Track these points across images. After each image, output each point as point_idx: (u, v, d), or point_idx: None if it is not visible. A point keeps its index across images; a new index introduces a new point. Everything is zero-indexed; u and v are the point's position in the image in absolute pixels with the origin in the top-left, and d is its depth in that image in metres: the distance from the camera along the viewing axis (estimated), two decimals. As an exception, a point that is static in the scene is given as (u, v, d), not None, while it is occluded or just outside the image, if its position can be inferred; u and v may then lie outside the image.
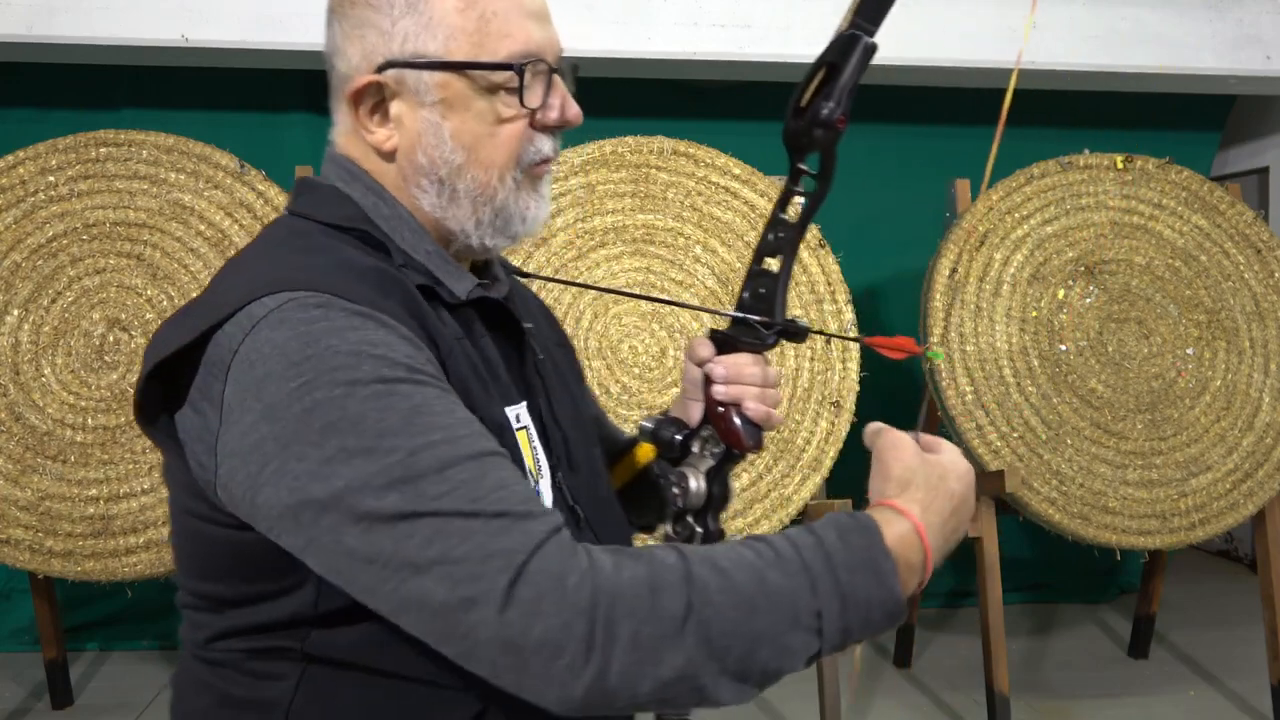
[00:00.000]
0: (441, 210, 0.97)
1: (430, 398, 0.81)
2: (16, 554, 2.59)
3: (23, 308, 2.69)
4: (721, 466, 1.07)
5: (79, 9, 3.02)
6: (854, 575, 0.81)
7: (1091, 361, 2.97)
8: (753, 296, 1.07)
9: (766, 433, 1.09)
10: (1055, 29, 3.44)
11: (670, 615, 0.75)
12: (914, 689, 3.29)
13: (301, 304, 0.82)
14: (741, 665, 0.77)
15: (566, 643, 0.73)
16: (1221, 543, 4.60)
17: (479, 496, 0.77)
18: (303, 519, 0.78)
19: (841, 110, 0.99)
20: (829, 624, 0.80)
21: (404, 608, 0.77)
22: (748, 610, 0.77)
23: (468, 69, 0.94)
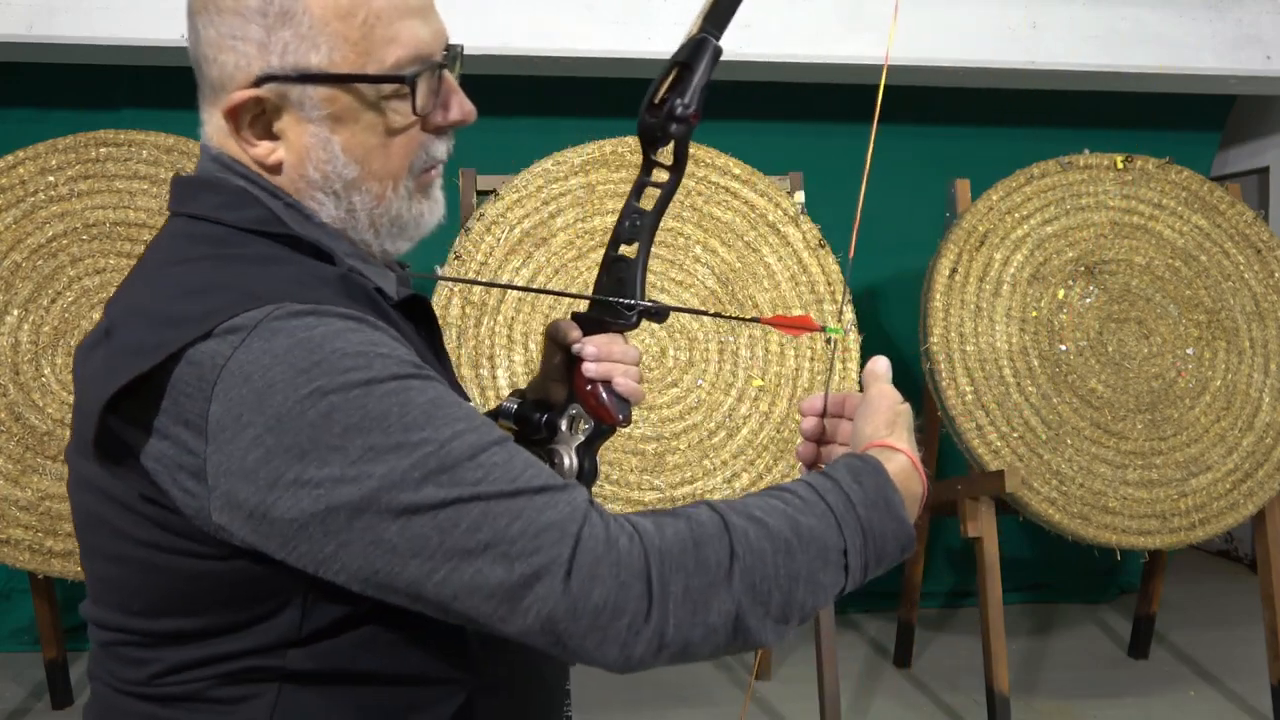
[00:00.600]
0: (342, 222, 0.94)
1: (441, 390, 0.82)
2: (16, 554, 2.58)
3: (23, 308, 2.69)
4: (591, 442, 1.11)
5: (79, 9, 3.02)
6: (871, 511, 0.88)
7: (1091, 361, 2.97)
8: (611, 280, 1.11)
9: (635, 408, 1.14)
10: (1055, 29, 3.44)
11: (716, 564, 0.79)
12: (914, 689, 3.29)
13: (290, 312, 0.80)
14: (784, 606, 0.82)
15: (626, 603, 0.76)
16: (1221, 543, 4.60)
17: (516, 476, 0.78)
18: (332, 525, 0.76)
19: (695, 106, 1.05)
20: (854, 559, 0.86)
21: (457, 595, 0.77)
22: (786, 554, 0.82)
23: (355, 81, 0.89)
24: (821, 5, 3.31)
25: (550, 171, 2.82)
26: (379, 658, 0.87)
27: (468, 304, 2.73)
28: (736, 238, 2.88)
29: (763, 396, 2.81)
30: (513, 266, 2.76)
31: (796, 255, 2.89)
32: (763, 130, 3.77)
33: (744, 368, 2.82)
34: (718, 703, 3.16)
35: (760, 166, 2.96)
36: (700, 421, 2.76)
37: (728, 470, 2.74)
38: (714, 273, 2.85)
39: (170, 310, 0.82)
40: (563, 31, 3.23)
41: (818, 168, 3.24)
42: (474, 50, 3.27)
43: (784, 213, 2.91)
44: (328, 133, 0.91)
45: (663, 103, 1.06)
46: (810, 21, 3.31)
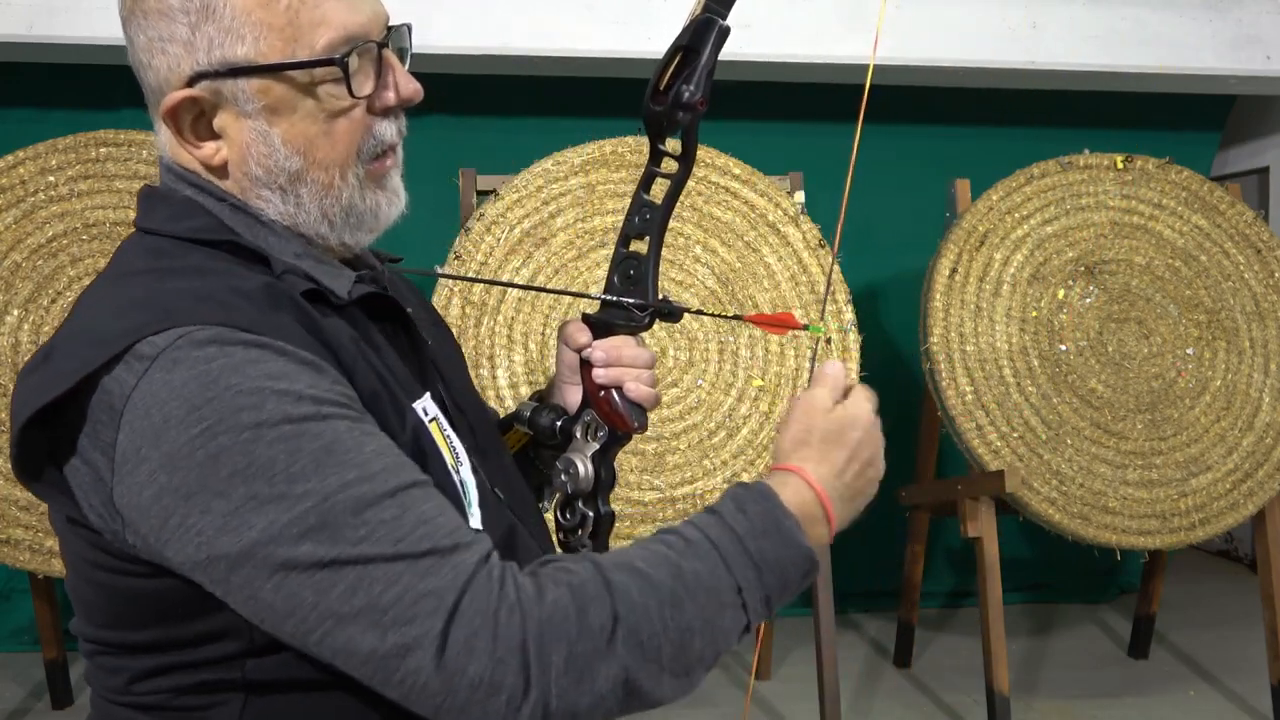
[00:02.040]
0: (291, 217, 0.91)
1: (340, 432, 0.77)
2: (16, 554, 2.58)
3: (23, 308, 2.69)
4: (607, 450, 1.07)
5: (79, 9, 3.02)
6: (761, 541, 0.83)
7: (1091, 361, 2.97)
8: (622, 280, 1.07)
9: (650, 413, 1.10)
10: (1055, 29, 3.44)
11: (600, 629, 0.75)
12: (914, 689, 3.29)
13: (193, 341, 0.77)
14: (679, 659, 0.78)
15: (503, 678, 0.72)
16: (1221, 543, 4.60)
17: (401, 536, 0.74)
18: (214, 574, 0.75)
19: (701, 93, 1.00)
20: (750, 595, 0.82)
21: (335, 656, 0.75)
22: (673, 605, 0.78)
23: (285, 70, 0.86)
24: (821, 5, 3.31)
25: (550, 171, 2.82)
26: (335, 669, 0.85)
27: (468, 304, 2.73)
28: (736, 238, 2.88)
29: (763, 396, 2.81)
30: (513, 266, 2.76)
31: (796, 255, 2.89)
32: (763, 130, 3.77)
33: (744, 368, 2.82)
34: (718, 703, 3.16)
35: (760, 166, 2.96)
36: (700, 421, 2.76)
37: (728, 470, 2.74)
38: (714, 273, 2.85)
39: (96, 330, 0.81)
40: (563, 31, 3.23)
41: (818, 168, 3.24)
42: (474, 50, 3.28)
43: (784, 213, 2.91)
44: (266, 125, 0.88)
45: (668, 89, 1.01)
46: (810, 21, 3.31)
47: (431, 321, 1.15)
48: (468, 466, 0.95)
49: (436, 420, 0.94)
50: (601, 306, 1.08)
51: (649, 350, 1.08)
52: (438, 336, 1.13)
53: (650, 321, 1.06)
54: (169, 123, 0.89)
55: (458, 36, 3.18)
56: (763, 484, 0.87)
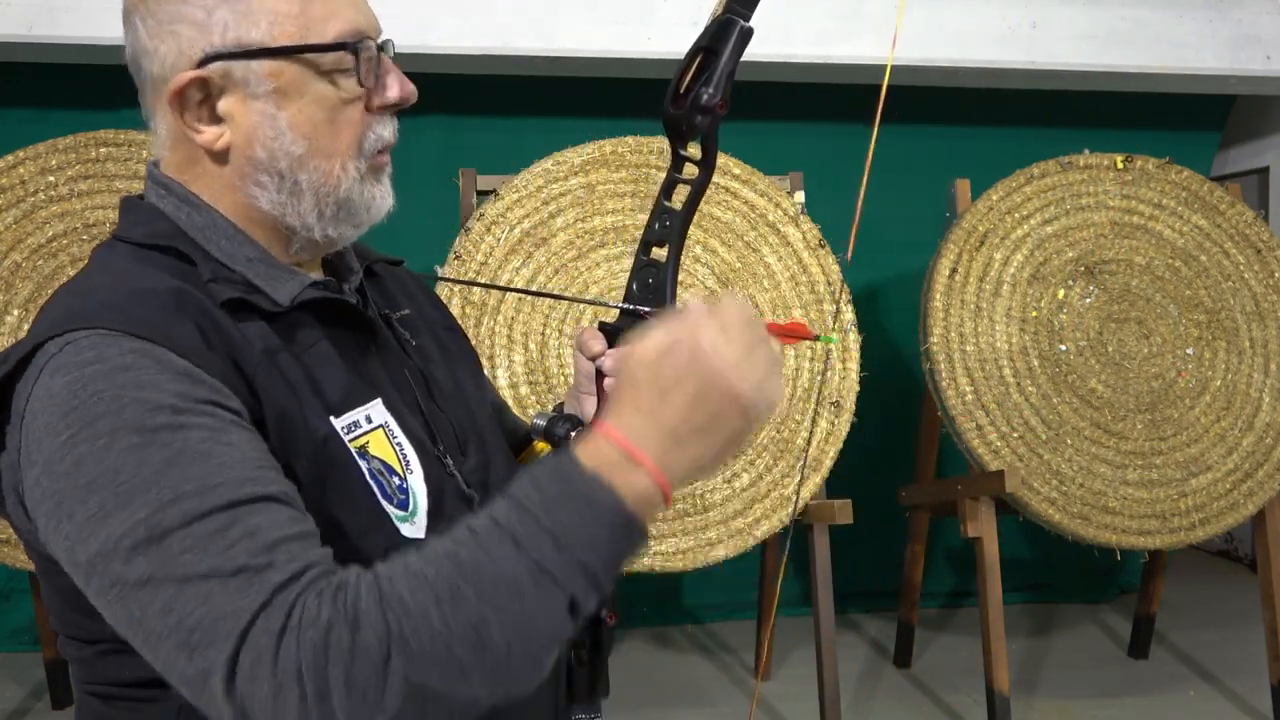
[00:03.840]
0: (282, 206, 0.93)
1: (192, 442, 0.76)
2: (16, 554, 2.58)
3: (23, 308, 2.69)
4: None
5: (79, 9, 3.02)
6: (556, 510, 0.75)
7: (1091, 361, 2.97)
8: (641, 288, 1.04)
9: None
10: (1055, 29, 3.44)
11: (374, 645, 0.70)
12: (914, 689, 3.29)
13: (77, 346, 0.79)
14: (480, 655, 0.72)
15: (286, 706, 0.69)
16: (1221, 543, 4.60)
17: (220, 552, 0.72)
18: (78, 579, 0.77)
19: (721, 95, 0.97)
20: (558, 570, 0.74)
21: (166, 675, 0.74)
22: (453, 602, 0.72)
23: (300, 53, 0.89)
24: (821, 5, 3.31)
25: (550, 171, 2.82)
26: None
27: (468, 304, 2.73)
28: (736, 238, 2.88)
29: (763, 396, 2.81)
30: (513, 266, 2.76)
31: (796, 255, 2.89)
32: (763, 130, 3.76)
33: (744, 368, 2.81)
34: (718, 703, 3.16)
35: (760, 166, 2.96)
36: (700, 421, 2.76)
37: (727, 470, 2.74)
38: (714, 273, 2.85)
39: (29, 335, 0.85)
40: (563, 31, 3.23)
41: (818, 168, 3.24)
42: (475, 50, 3.28)
43: (784, 213, 2.91)
44: (274, 109, 0.90)
45: (687, 93, 0.98)
46: (810, 21, 3.31)
47: (444, 325, 1.14)
48: (419, 475, 0.94)
49: (383, 427, 0.93)
50: (619, 315, 1.05)
51: None
52: (448, 339, 1.12)
53: None
54: (174, 106, 0.90)
55: (459, 37, 3.18)
56: (553, 458, 0.79)
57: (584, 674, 1.06)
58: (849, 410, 2.79)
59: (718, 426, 0.80)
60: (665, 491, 0.79)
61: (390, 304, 1.07)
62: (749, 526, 2.72)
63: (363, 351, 0.97)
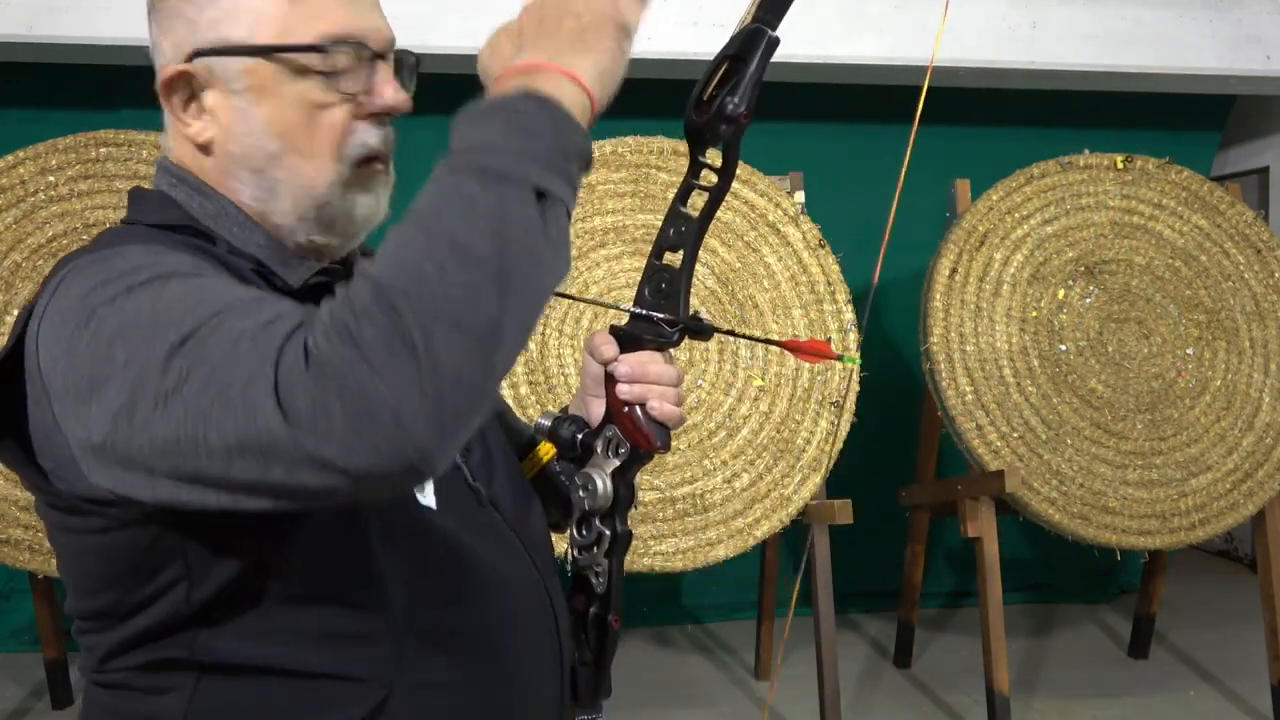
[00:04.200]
0: (262, 203, 0.94)
1: (209, 277, 0.79)
2: (16, 554, 2.59)
3: (23, 308, 2.69)
4: (627, 467, 1.03)
5: (79, 9, 3.02)
6: (477, 131, 0.77)
7: (1091, 361, 2.97)
8: (653, 292, 1.03)
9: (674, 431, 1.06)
10: (1055, 29, 3.44)
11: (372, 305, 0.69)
12: (914, 689, 3.29)
13: (97, 258, 0.81)
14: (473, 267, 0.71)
15: (325, 396, 0.68)
16: (1221, 543, 4.60)
17: (244, 312, 0.73)
18: (120, 439, 0.74)
19: (746, 105, 0.97)
20: (502, 167, 0.74)
21: (226, 463, 0.71)
22: (427, 242, 0.72)
23: (271, 52, 0.90)
24: (821, 5, 3.31)
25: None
26: (286, 649, 0.86)
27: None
28: (736, 238, 2.88)
29: (763, 396, 2.81)
30: (513, 266, 2.76)
31: (796, 255, 2.89)
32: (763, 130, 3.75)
33: (744, 368, 2.82)
34: (718, 703, 3.16)
35: (760, 166, 2.96)
36: (700, 421, 2.77)
37: (728, 470, 2.74)
38: (714, 273, 2.85)
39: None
40: (563, 31, 3.23)
41: (818, 168, 3.24)
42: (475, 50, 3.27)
43: (784, 213, 2.91)
44: (250, 105, 0.92)
45: (711, 100, 0.97)
46: (810, 21, 3.31)
47: None
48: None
49: None
50: (630, 319, 1.04)
51: (676, 368, 1.04)
52: None
53: (679, 338, 1.02)
54: (165, 98, 0.94)
55: (460, 37, 3.18)
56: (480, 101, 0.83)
57: (588, 675, 1.07)
58: (849, 410, 2.79)
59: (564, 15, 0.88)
60: (571, 75, 0.82)
61: None
62: (749, 526, 2.72)
63: None
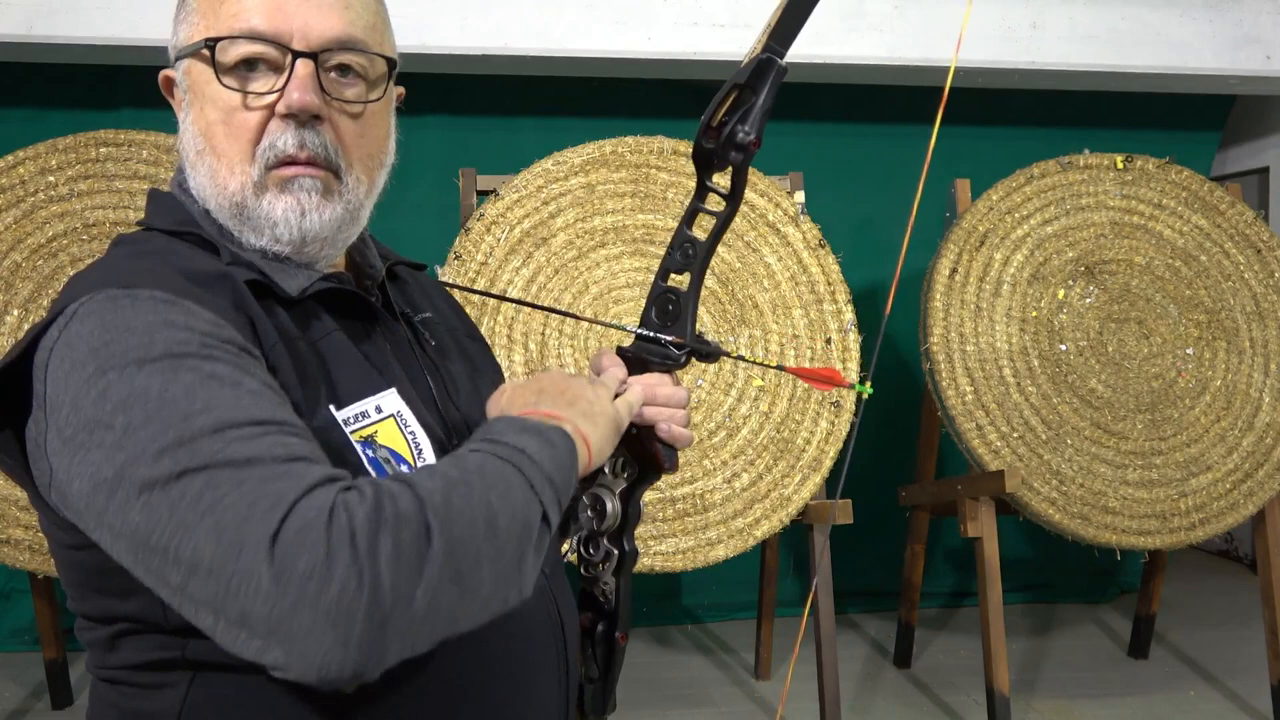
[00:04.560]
0: (209, 206, 0.95)
1: (221, 370, 0.78)
2: (16, 554, 2.59)
3: (23, 308, 2.69)
4: (635, 487, 1.04)
5: (79, 9, 3.02)
6: (519, 437, 0.84)
7: (1091, 361, 2.97)
8: (660, 314, 1.04)
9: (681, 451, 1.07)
10: (1055, 29, 3.44)
11: (414, 515, 0.73)
12: (914, 689, 3.29)
13: (109, 295, 0.81)
14: (493, 540, 0.76)
15: (334, 569, 0.68)
16: (1221, 543, 4.60)
17: (255, 449, 0.73)
18: (96, 504, 0.75)
19: (756, 133, 0.99)
20: (532, 476, 0.81)
21: (185, 586, 0.71)
22: (466, 490, 0.77)
23: (186, 55, 0.94)
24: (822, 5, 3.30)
25: (550, 171, 2.82)
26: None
27: (466, 304, 2.73)
28: (736, 238, 2.88)
29: (763, 397, 2.81)
30: (513, 266, 2.76)
31: (796, 255, 2.89)
32: (763, 130, 3.75)
33: (744, 368, 2.81)
34: (718, 703, 3.16)
35: (760, 166, 2.96)
36: (700, 421, 2.76)
37: (728, 470, 2.74)
38: (714, 273, 2.85)
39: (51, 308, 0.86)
40: (563, 31, 3.23)
41: (818, 168, 3.24)
42: (475, 50, 3.28)
43: (784, 213, 2.91)
44: (189, 106, 0.96)
45: (720, 126, 0.99)
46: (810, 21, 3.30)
47: (466, 334, 1.17)
48: (429, 464, 0.95)
49: (394, 417, 0.95)
50: (636, 340, 1.05)
51: (683, 389, 1.05)
52: (471, 348, 1.14)
53: (686, 360, 1.03)
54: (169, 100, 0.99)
55: (459, 37, 3.19)
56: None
57: (595, 691, 1.08)
58: (849, 410, 2.79)
59: (579, 397, 0.93)
60: (583, 437, 0.89)
61: (412, 305, 1.09)
62: (749, 526, 2.72)
63: (377, 345, 0.99)
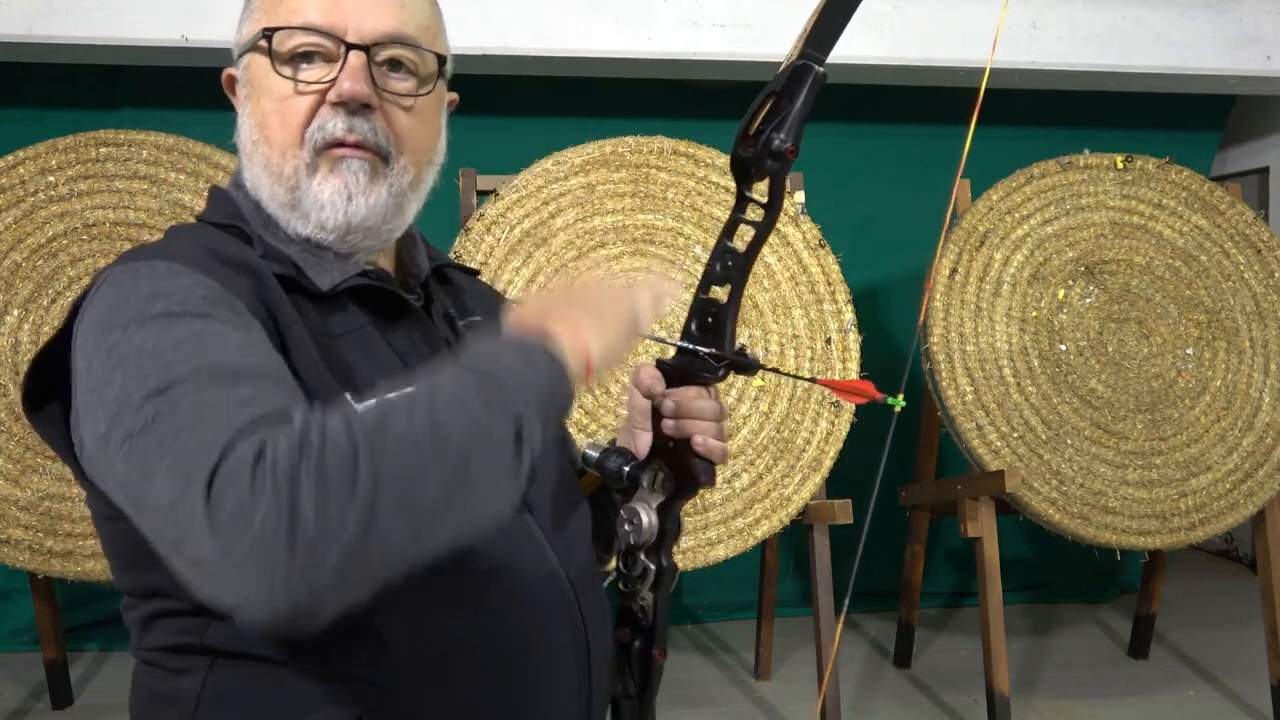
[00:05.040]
0: (263, 194, 0.98)
1: (214, 326, 0.79)
2: (16, 554, 2.58)
3: (23, 308, 2.69)
4: (672, 502, 1.03)
5: (79, 9, 3.02)
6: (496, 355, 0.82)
7: (1091, 361, 2.97)
8: (700, 327, 1.04)
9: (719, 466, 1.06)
10: (1055, 29, 3.44)
11: (342, 437, 0.70)
12: (914, 689, 3.29)
13: (130, 268, 0.84)
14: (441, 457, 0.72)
15: (258, 504, 0.66)
16: (1221, 543, 4.60)
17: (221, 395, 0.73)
18: (98, 458, 0.77)
19: (793, 141, 0.99)
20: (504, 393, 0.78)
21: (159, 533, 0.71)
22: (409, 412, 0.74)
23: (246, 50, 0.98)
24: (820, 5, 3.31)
25: (550, 171, 2.82)
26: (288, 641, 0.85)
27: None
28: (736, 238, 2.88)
29: (763, 396, 2.81)
30: (513, 266, 2.76)
31: (796, 255, 2.89)
32: (763, 130, 3.74)
33: (744, 368, 2.81)
34: (717, 703, 3.16)
35: (760, 166, 2.95)
36: (700, 421, 2.76)
37: (727, 470, 2.74)
38: (714, 273, 2.85)
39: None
40: (564, 31, 3.23)
41: (818, 168, 3.24)
42: (475, 50, 3.28)
43: (784, 213, 2.91)
44: (248, 99, 1.00)
45: (757, 134, 0.99)
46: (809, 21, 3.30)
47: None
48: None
49: None
50: (676, 353, 1.05)
51: (720, 403, 1.05)
52: None
53: (725, 373, 1.02)
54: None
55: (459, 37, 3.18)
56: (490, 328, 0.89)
57: (631, 709, 1.08)
58: (849, 410, 2.79)
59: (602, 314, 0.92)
60: (582, 352, 0.86)
61: (461, 308, 1.11)
62: (749, 526, 2.72)
63: (412, 342, 1.00)
